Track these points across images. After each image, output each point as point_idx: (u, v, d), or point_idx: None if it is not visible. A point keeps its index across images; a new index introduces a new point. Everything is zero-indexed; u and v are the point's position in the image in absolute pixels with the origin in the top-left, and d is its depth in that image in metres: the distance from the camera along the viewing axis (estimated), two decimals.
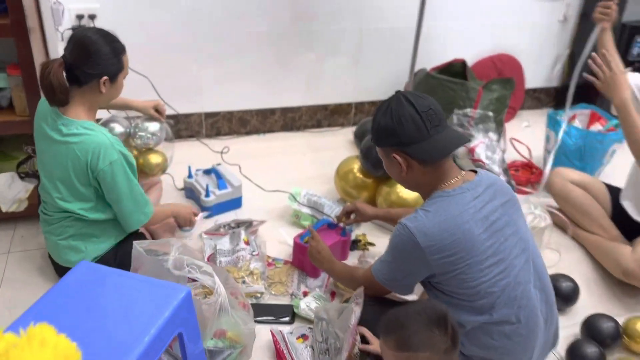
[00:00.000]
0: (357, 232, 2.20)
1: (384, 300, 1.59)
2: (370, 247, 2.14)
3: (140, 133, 2.16)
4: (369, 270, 1.56)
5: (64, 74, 1.57)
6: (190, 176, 2.38)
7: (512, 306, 1.39)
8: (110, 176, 1.63)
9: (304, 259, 1.98)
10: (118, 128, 2.14)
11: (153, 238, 2.06)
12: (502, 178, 2.40)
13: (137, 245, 1.60)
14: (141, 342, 1.11)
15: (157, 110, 2.14)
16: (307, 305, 1.81)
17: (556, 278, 1.92)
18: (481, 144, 2.45)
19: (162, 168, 2.24)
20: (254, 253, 1.98)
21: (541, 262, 1.52)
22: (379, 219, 2.07)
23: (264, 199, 2.42)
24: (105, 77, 1.61)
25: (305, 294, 1.91)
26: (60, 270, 1.82)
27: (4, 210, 2.04)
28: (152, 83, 2.47)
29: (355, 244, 2.14)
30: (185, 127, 2.88)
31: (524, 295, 1.41)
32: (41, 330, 0.76)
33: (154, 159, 2.20)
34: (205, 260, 1.95)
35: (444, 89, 2.66)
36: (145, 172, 2.18)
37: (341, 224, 2.04)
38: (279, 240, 2.17)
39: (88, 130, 1.62)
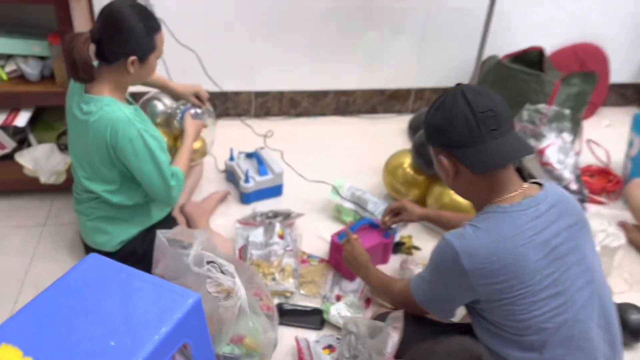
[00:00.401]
0: (402, 234, 2.03)
1: (422, 320, 1.42)
2: (415, 252, 1.97)
3: (180, 116, 2.06)
4: (407, 285, 1.39)
5: (93, 48, 1.47)
6: (231, 159, 2.27)
7: (568, 346, 1.19)
8: (133, 154, 1.53)
9: (341, 260, 1.83)
10: (160, 106, 2.05)
11: (188, 223, 1.98)
12: (574, 186, 2.13)
13: (161, 235, 1.51)
14: (141, 354, 1.01)
15: (197, 97, 2.02)
16: (338, 312, 1.67)
17: (625, 308, 1.68)
18: (553, 145, 2.18)
19: (202, 153, 2.14)
20: (287, 248, 1.85)
21: (608, 295, 1.29)
22: (428, 221, 1.88)
23: (305, 189, 2.27)
24: (133, 57, 1.49)
25: (338, 298, 1.77)
26: (88, 251, 1.78)
27: (42, 181, 2.02)
28: (199, 58, 2.36)
29: (399, 247, 1.97)
30: (234, 105, 2.77)
31: (583, 336, 1.20)
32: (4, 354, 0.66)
33: (194, 144, 2.11)
34: (237, 251, 1.85)
35: (516, 80, 2.39)
36: None
37: (385, 223, 1.87)
38: (317, 235, 2.03)
39: (105, 107, 1.51)
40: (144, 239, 1.72)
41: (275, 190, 2.22)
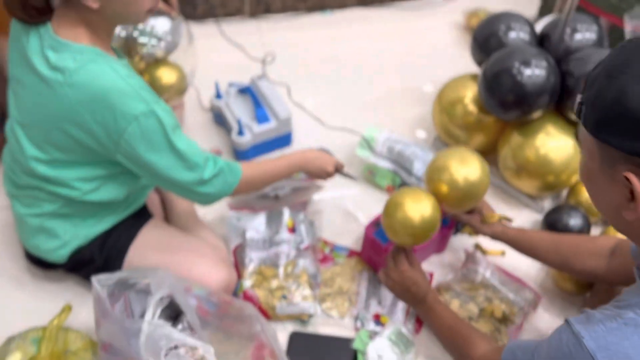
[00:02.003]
0: None
1: None
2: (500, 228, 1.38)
3: (142, 38, 1.39)
4: (496, 353, 0.86)
5: None
6: (218, 95, 1.62)
7: None
8: (141, 140, 0.98)
9: (379, 260, 1.28)
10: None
11: (164, 205, 1.41)
12: None
13: (98, 285, 0.95)
14: None
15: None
16: (379, 354, 1.15)
17: None
18: None
19: (178, 90, 1.49)
20: (301, 246, 1.29)
21: None
22: (510, 244, 1.19)
23: (323, 140, 1.62)
24: None
25: (377, 319, 1.24)
26: (27, 256, 1.25)
27: None
28: None
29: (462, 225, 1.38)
30: (221, 2, 2.02)
31: None
32: None
33: (166, 76, 1.46)
34: (231, 252, 1.30)
35: None
36: None
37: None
38: (342, 211, 1.45)
39: (89, 64, 0.94)
40: (103, 244, 1.17)
41: (281, 141, 1.59)
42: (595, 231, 1.41)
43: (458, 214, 1.21)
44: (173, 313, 1.00)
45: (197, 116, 1.70)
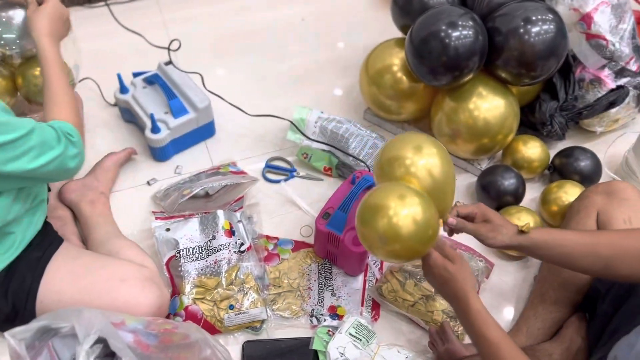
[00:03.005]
0: None
1: None
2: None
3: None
4: None
5: None
6: (123, 90, 1.44)
7: None
8: None
9: (339, 252, 1.19)
10: None
11: (75, 217, 1.24)
12: (634, 65, 1.48)
13: (12, 341, 0.80)
14: None
15: None
16: (341, 351, 1.08)
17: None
18: (603, 6, 1.46)
19: None
20: (242, 248, 1.18)
21: None
22: (529, 250, 0.95)
23: (248, 130, 1.50)
24: None
25: (333, 312, 1.17)
26: None
27: None
28: None
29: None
30: None
31: None
32: None
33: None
34: (164, 266, 1.17)
35: None
36: (32, 100, 1.26)
37: (448, 225, 0.97)
38: (281, 200, 1.36)
39: None
40: (6, 288, 1.00)
41: (204, 133, 1.45)
42: (531, 189, 1.40)
43: (463, 225, 0.95)
44: (109, 351, 0.87)
45: (101, 114, 1.52)
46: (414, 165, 0.87)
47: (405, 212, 0.83)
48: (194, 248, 1.17)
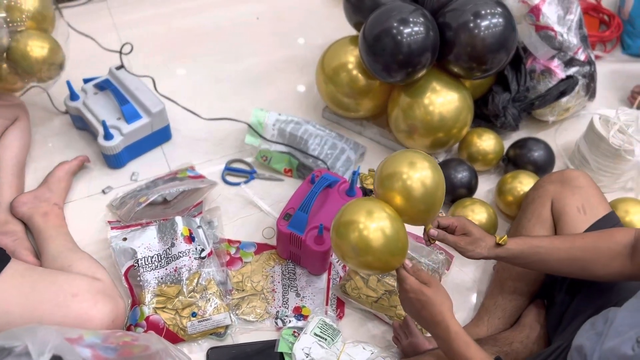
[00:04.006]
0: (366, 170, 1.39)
1: None
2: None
3: None
4: None
5: None
6: (73, 97, 1.40)
7: None
8: None
9: (302, 252, 1.19)
10: None
11: (29, 230, 1.20)
12: (582, 54, 1.52)
13: None
14: None
15: None
16: (307, 352, 1.08)
17: None
18: None
19: (50, 62, 1.24)
20: (203, 254, 1.17)
21: None
22: (508, 259, 0.99)
23: (204, 134, 1.48)
24: None
25: (298, 313, 1.17)
26: None
27: None
28: None
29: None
30: None
31: None
32: None
33: (36, 49, 1.22)
34: (123, 276, 1.14)
35: None
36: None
37: (429, 239, 0.99)
38: (242, 202, 1.34)
39: None
40: None
41: (159, 138, 1.42)
42: (484, 182, 1.42)
43: (444, 236, 0.97)
44: None
45: (52, 122, 1.47)
46: (410, 179, 0.92)
47: (374, 225, 0.89)
48: (152, 257, 1.15)
